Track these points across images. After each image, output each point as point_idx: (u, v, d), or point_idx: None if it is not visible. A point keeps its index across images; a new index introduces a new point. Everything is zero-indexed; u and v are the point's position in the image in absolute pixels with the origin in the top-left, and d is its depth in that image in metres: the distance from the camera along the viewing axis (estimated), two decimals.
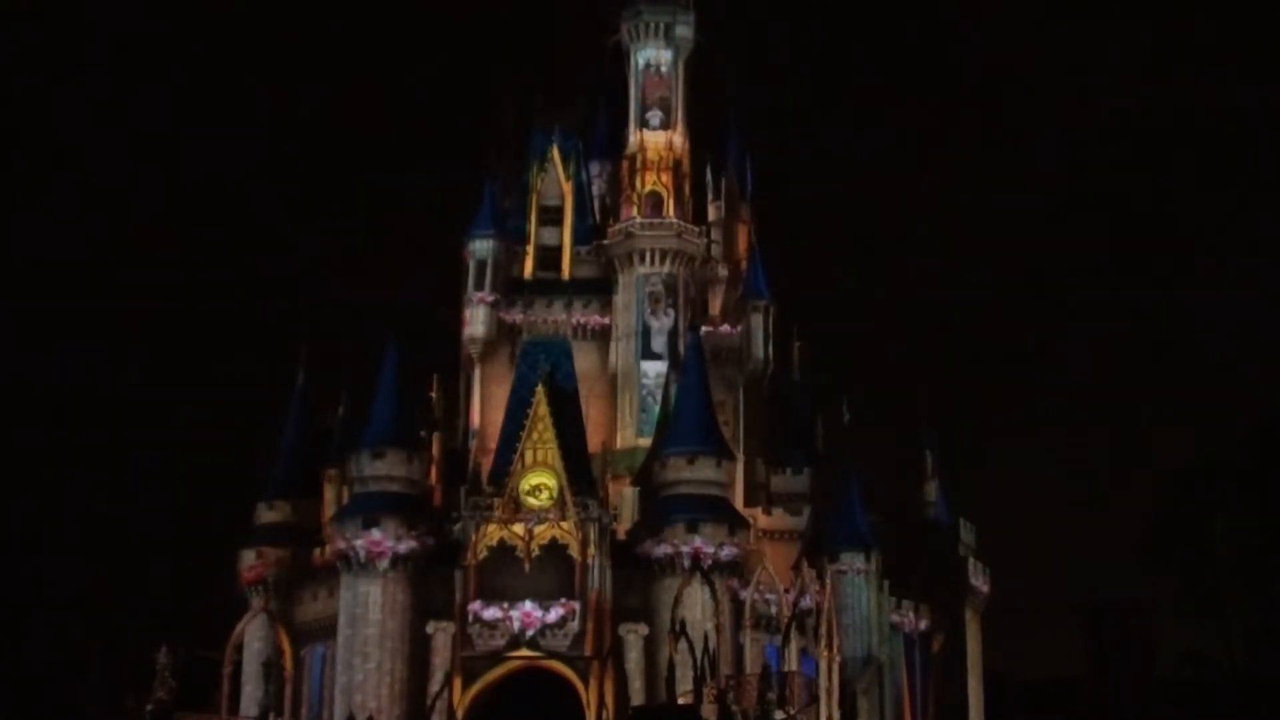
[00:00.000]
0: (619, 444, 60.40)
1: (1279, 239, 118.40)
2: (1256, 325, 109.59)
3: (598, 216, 66.13)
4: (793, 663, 47.90)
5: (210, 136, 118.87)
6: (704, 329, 60.87)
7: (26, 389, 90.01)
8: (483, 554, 51.11)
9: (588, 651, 50.37)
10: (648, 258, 62.47)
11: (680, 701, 46.96)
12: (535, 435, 52.89)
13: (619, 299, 62.76)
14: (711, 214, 66.34)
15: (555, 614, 50.46)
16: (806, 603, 51.02)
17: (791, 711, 47.57)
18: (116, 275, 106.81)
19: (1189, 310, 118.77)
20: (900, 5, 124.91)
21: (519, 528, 51.31)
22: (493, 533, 51.27)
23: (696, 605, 50.67)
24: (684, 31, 65.90)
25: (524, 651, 50.41)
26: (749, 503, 59.11)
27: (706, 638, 48.06)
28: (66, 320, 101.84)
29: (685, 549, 51.90)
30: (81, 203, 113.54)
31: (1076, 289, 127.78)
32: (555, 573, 50.97)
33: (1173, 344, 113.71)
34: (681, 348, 60.02)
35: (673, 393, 58.23)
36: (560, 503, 51.94)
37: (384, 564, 51.75)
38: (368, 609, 51.63)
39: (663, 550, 52.05)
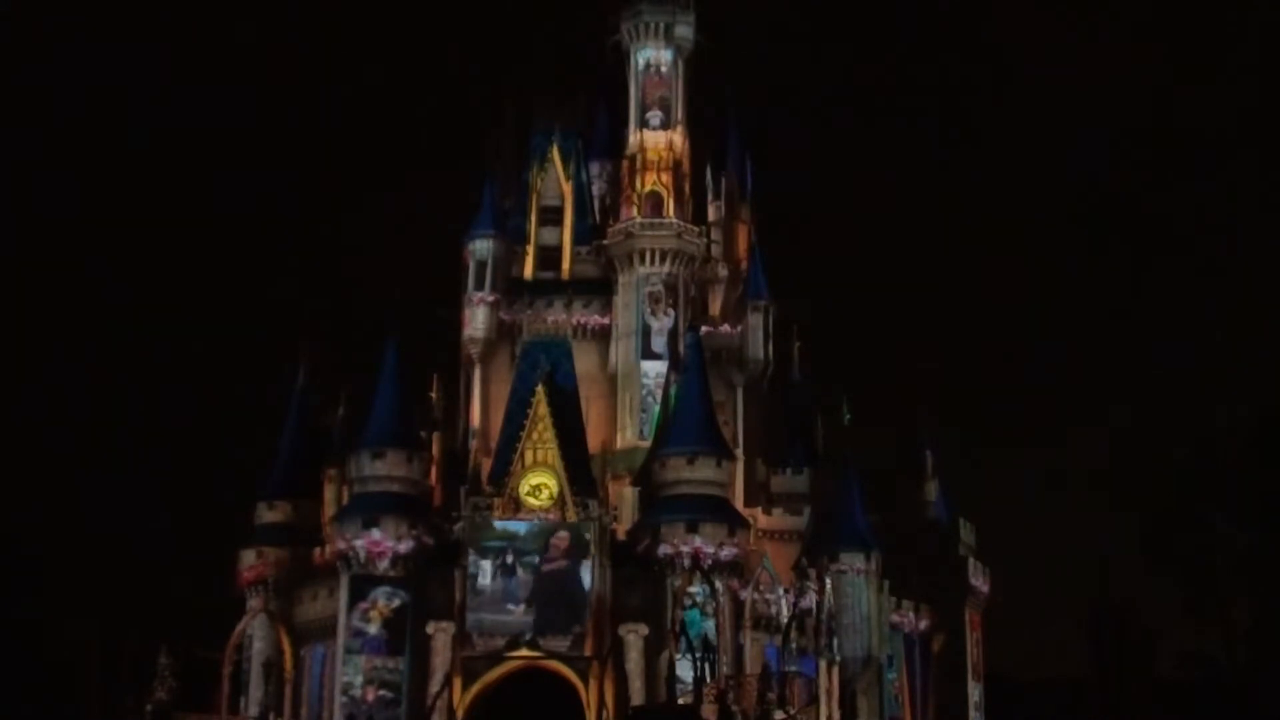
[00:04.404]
0: (619, 444, 60.40)
1: (1279, 238, 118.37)
2: (1257, 325, 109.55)
3: (598, 216, 66.16)
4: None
5: (211, 136, 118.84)
6: (704, 329, 60.88)
7: (27, 390, 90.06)
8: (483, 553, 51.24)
9: (588, 651, 50.40)
10: (648, 258, 62.47)
11: (680, 701, 47.00)
12: (535, 435, 52.96)
13: (619, 299, 62.75)
14: (711, 214, 66.32)
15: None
16: (806, 603, 51.02)
17: (791, 711, 47.63)
18: (117, 275, 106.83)
19: (1189, 309, 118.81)
20: (902, 5, 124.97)
21: (519, 527, 51.43)
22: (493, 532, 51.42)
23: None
24: (684, 31, 65.91)
25: (524, 651, 50.42)
26: (749, 503, 59.14)
27: (706, 638, 48.14)
28: (67, 321, 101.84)
29: (685, 549, 51.93)
30: (80, 202, 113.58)
31: (1077, 288, 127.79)
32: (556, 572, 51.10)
33: (1173, 343, 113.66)
34: (681, 348, 60.00)
35: (673, 393, 58.25)
36: (560, 503, 51.99)
37: (384, 564, 51.75)
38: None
39: (663, 550, 52.08)
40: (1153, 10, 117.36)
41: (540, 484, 52.43)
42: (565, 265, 64.21)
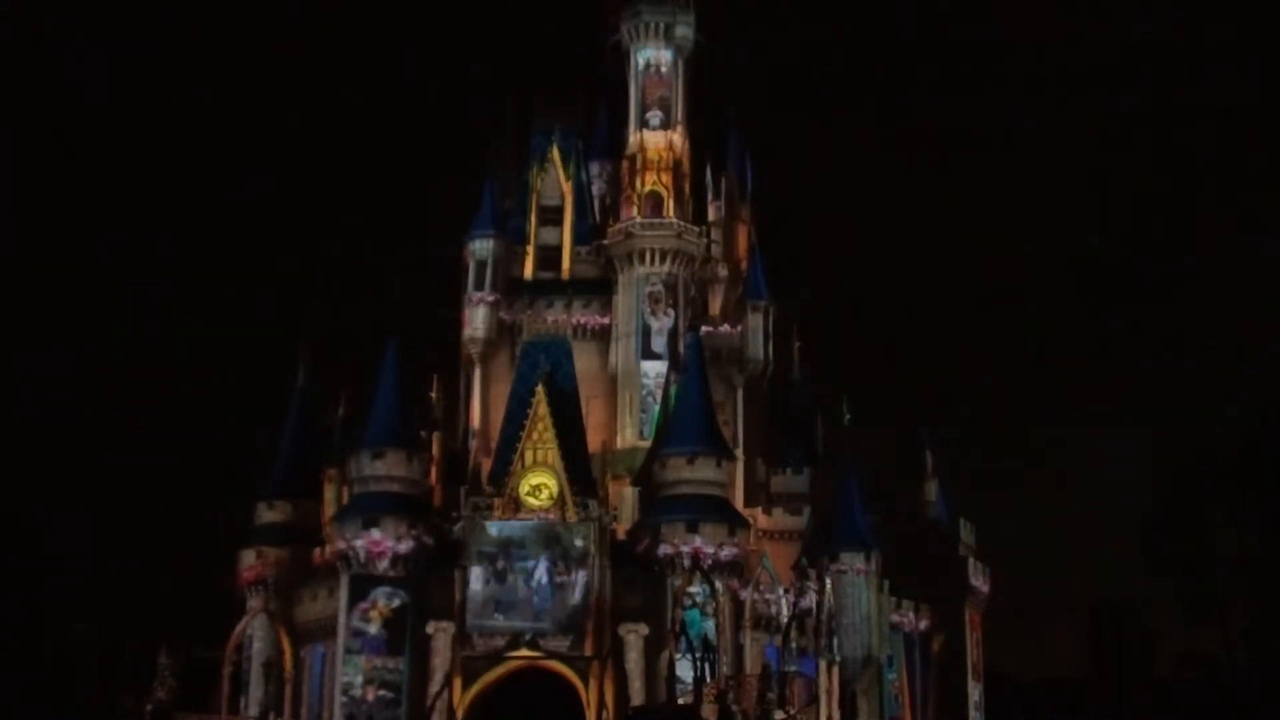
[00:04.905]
0: (619, 444, 60.40)
1: (1279, 239, 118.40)
2: (1257, 325, 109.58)
3: (598, 216, 66.14)
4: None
5: (212, 136, 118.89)
6: (704, 329, 60.86)
7: (27, 389, 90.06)
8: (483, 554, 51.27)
9: (588, 651, 50.38)
10: (648, 258, 62.47)
11: (680, 701, 46.99)
12: (535, 435, 52.91)
13: (619, 299, 62.74)
14: (711, 214, 66.23)
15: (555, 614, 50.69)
16: (806, 603, 51.03)
17: (791, 711, 47.62)
18: (117, 274, 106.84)
19: (1190, 310, 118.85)
20: (902, 4, 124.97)
21: (520, 528, 51.45)
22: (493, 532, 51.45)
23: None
24: (684, 31, 65.93)
25: (524, 651, 50.41)
26: (749, 503, 59.13)
27: (706, 637, 48.10)
28: (66, 320, 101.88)
29: (685, 549, 51.89)
30: (81, 201, 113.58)
31: (1077, 289, 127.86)
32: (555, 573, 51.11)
33: (1173, 344, 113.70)
34: (681, 348, 59.99)
35: (673, 393, 58.24)
36: (560, 503, 51.96)
37: (384, 564, 51.75)
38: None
39: (663, 550, 52.04)
40: (1154, 9, 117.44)
41: (540, 484, 52.38)
42: (565, 265, 64.21)
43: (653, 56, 65.74)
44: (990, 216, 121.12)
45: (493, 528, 51.48)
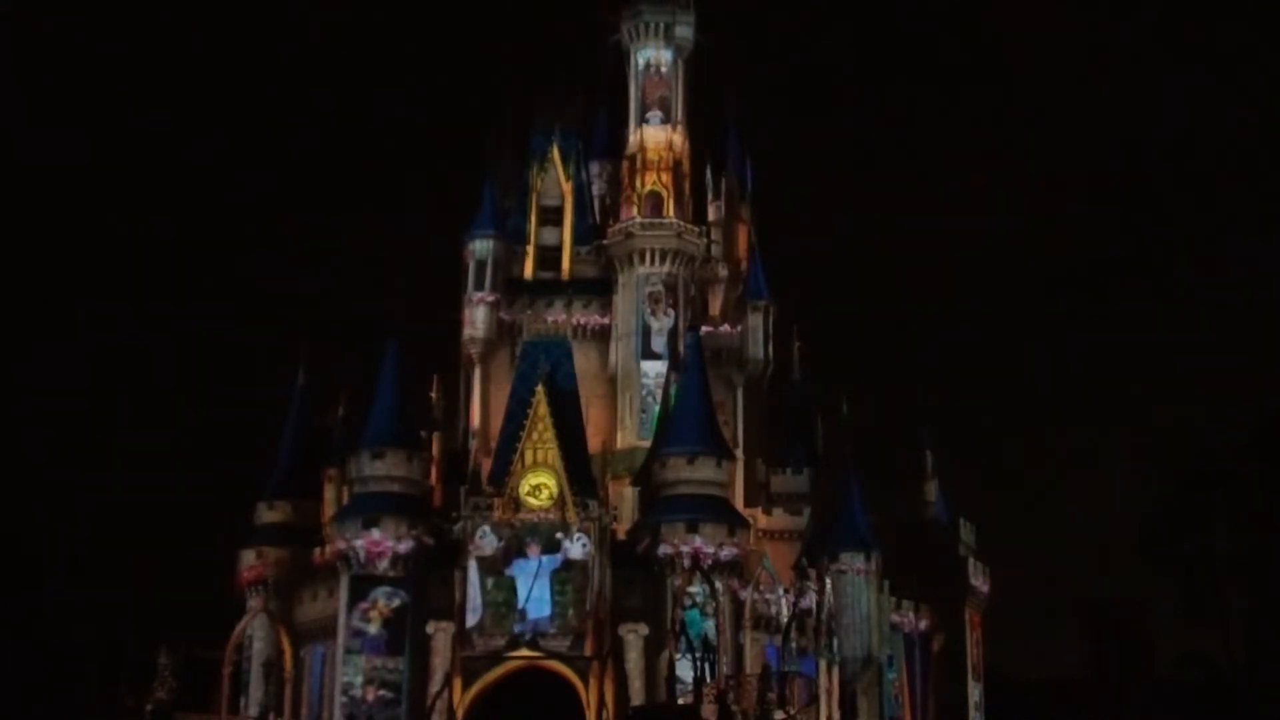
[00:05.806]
0: (619, 444, 60.40)
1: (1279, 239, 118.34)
2: (1257, 326, 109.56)
3: (598, 216, 66.17)
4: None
5: (211, 136, 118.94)
6: (704, 329, 60.86)
7: (27, 389, 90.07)
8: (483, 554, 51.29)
9: (588, 651, 50.37)
10: (648, 258, 62.47)
11: (680, 701, 47.00)
12: (535, 435, 52.90)
13: (619, 299, 62.75)
14: (711, 214, 66.28)
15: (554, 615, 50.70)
16: (806, 603, 51.05)
17: (791, 711, 47.64)
18: (117, 275, 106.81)
19: (1190, 310, 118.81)
20: (902, 4, 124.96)
21: (519, 527, 51.47)
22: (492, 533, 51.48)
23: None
24: (684, 31, 65.93)
25: (524, 651, 50.42)
26: (749, 503, 59.14)
27: (706, 637, 48.11)
28: (67, 319, 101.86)
29: (685, 549, 51.89)
30: (80, 199, 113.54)
31: (1078, 288, 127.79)
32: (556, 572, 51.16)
33: (1174, 344, 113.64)
34: (681, 348, 59.99)
35: (673, 393, 58.25)
36: (560, 503, 51.97)
37: (384, 564, 51.76)
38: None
39: (663, 550, 52.04)
40: (1156, 6, 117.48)
41: (540, 484, 52.37)
42: (565, 265, 64.23)
43: (653, 56, 65.74)
44: (991, 215, 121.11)
45: (492, 528, 51.52)
